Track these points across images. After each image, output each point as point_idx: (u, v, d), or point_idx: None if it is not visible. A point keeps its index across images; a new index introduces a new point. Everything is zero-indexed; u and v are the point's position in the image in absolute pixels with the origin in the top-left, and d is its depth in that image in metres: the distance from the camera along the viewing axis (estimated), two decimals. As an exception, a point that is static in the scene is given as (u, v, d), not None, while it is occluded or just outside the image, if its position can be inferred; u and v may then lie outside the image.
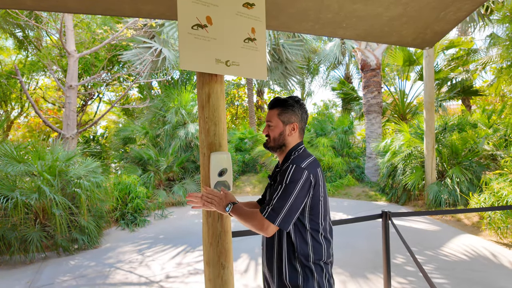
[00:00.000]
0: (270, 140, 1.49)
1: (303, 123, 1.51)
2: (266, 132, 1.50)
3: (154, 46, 9.47)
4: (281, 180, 1.33)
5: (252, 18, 1.63)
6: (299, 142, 1.50)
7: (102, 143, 11.55)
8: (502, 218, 4.26)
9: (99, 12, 2.19)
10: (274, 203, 1.29)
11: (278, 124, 1.47)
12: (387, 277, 2.47)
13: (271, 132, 1.48)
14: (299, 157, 1.42)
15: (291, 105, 1.47)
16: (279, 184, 1.32)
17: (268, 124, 1.49)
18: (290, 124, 1.47)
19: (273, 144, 1.48)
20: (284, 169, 1.35)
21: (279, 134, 1.46)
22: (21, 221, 4.32)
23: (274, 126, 1.47)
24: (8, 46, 11.93)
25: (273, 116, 1.47)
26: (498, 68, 9.24)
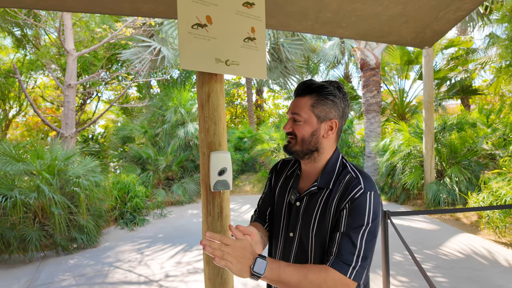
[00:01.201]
0: (296, 141, 1.03)
1: (343, 122, 1.06)
2: (290, 129, 1.04)
3: (153, 45, 9.45)
4: (357, 215, 0.92)
5: (252, 17, 1.62)
6: (337, 149, 1.09)
7: (101, 142, 11.54)
8: (500, 217, 4.27)
9: (98, 11, 2.19)
10: (362, 254, 0.89)
11: (310, 119, 1.01)
12: (386, 275, 2.47)
13: (298, 130, 1.02)
14: (365, 176, 1.00)
15: (331, 93, 1.01)
16: (357, 223, 0.91)
17: (294, 117, 1.03)
18: (327, 121, 1.02)
19: (300, 148, 1.03)
20: (356, 197, 0.94)
21: (310, 134, 1.01)
22: (20, 220, 4.32)
23: (303, 121, 1.01)
24: (7, 45, 11.89)
25: (303, 107, 1.01)
26: (497, 67, 9.25)
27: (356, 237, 0.90)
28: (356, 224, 0.91)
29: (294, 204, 1.08)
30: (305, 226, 1.02)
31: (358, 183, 0.96)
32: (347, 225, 0.92)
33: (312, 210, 1.01)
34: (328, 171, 1.03)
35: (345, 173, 1.02)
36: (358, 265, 0.88)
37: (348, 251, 0.89)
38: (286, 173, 1.19)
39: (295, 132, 1.03)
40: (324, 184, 1.02)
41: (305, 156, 1.04)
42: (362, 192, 0.94)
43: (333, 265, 0.88)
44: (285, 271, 0.85)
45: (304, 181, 1.10)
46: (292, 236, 1.06)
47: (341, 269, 0.87)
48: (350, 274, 0.87)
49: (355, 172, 1.01)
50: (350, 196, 0.94)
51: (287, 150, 1.06)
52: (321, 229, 0.99)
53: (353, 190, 0.95)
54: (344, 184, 0.99)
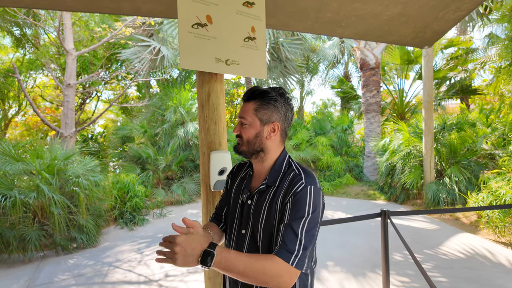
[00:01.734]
0: (242, 142, 1.15)
1: (287, 124, 1.17)
2: (238, 132, 1.15)
3: (153, 45, 9.44)
4: (298, 207, 1.01)
5: (252, 17, 1.62)
6: (284, 150, 1.19)
7: (101, 142, 11.53)
8: (500, 217, 4.28)
9: (98, 10, 2.18)
10: (303, 243, 0.97)
11: (254, 122, 1.12)
12: (386, 275, 2.47)
13: (244, 132, 1.14)
14: (307, 172, 1.10)
15: (273, 98, 1.12)
16: (298, 214, 1.00)
17: (241, 121, 1.14)
18: (269, 124, 1.12)
19: (247, 148, 1.14)
20: (297, 191, 1.03)
21: (254, 135, 1.12)
22: (19, 220, 4.31)
23: (248, 124, 1.13)
24: (6, 44, 11.87)
25: (248, 112, 1.12)
26: (496, 67, 9.26)
27: (297, 227, 0.98)
28: (297, 215, 1.00)
29: (246, 202, 1.16)
30: (256, 223, 1.10)
31: (300, 179, 1.06)
32: (290, 217, 1.00)
33: (261, 206, 1.10)
34: (275, 170, 1.14)
35: (290, 171, 1.12)
36: (300, 253, 0.96)
37: (291, 240, 0.97)
38: (241, 175, 1.27)
39: (241, 134, 1.14)
40: (271, 182, 1.12)
41: (252, 156, 1.15)
42: (303, 187, 1.03)
43: (278, 253, 0.96)
44: (230, 260, 0.92)
45: (255, 181, 1.19)
46: (244, 233, 1.14)
47: (284, 257, 0.95)
48: (292, 262, 0.95)
49: (298, 170, 1.11)
50: (293, 191, 1.04)
51: (236, 150, 1.17)
52: (268, 224, 1.07)
53: (295, 185, 1.05)
54: (288, 180, 1.08)
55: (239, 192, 1.22)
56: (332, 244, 4.43)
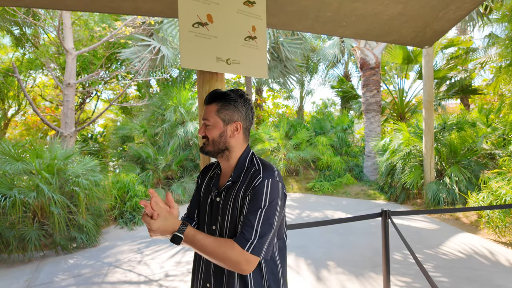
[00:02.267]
0: (208, 143, 1.22)
1: (248, 123, 1.26)
2: (203, 133, 1.22)
3: (153, 44, 9.43)
4: (256, 199, 1.08)
5: (253, 16, 1.62)
6: (247, 147, 1.27)
7: (100, 142, 11.52)
8: (500, 217, 4.27)
9: (98, 9, 2.18)
10: (259, 231, 1.05)
11: (217, 123, 1.19)
12: (386, 275, 2.47)
13: (208, 133, 1.21)
14: (266, 167, 1.17)
15: (233, 99, 1.20)
16: (256, 206, 1.08)
17: (205, 123, 1.21)
18: (232, 124, 1.20)
19: (212, 148, 1.21)
20: (256, 185, 1.10)
21: (218, 135, 1.19)
22: (19, 219, 4.31)
23: (212, 125, 1.20)
24: (6, 44, 11.86)
25: (210, 113, 1.19)
26: (497, 67, 9.26)
27: (254, 217, 1.06)
28: (255, 207, 1.08)
29: (214, 200, 1.23)
30: (223, 218, 1.17)
31: (258, 173, 1.13)
32: (248, 209, 1.09)
33: (227, 202, 1.17)
34: (239, 167, 1.21)
35: (251, 167, 1.19)
36: (256, 240, 1.04)
37: (247, 228, 1.05)
38: (210, 174, 1.34)
39: (207, 135, 1.21)
40: (236, 178, 1.19)
41: (218, 155, 1.22)
42: (261, 181, 1.11)
43: (236, 240, 1.05)
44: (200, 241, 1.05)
45: (222, 179, 1.27)
46: (214, 229, 1.20)
47: (241, 243, 1.03)
48: (248, 248, 1.03)
49: (258, 164, 1.19)
50: (252, 185, 1.11)
51: (202, 151, 1.23)
52: (233, 218, 1.14)
53: (254, 179, 1.12)
54: (249, 176, 1.16)
55: (208, 191, 1.28)
56: (333, 244, 4.43)
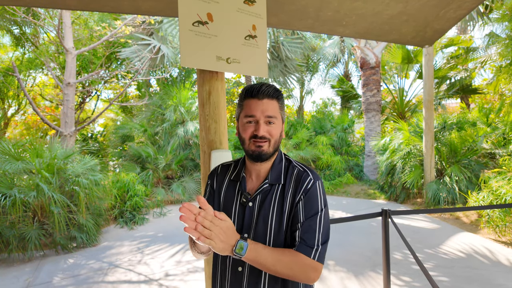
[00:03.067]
0: (269, 144, 1.04)
1: None
2: (265, 132, 1.03)
3: (153, 43, 9.42)
4: (311, 203, 1.01)
5: (253, 15, 1.61)
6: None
7: (100, 141, 11.52)
8: (500, 216, 4.27)
9: (98, 9, 2.17)
10: (321, 238, 0.99)
11: (279, 121, 1.07)
12: (386, 274, 2.47)
13: (273, 132, 1.04)
14: (309, 168, 1.10)
15: (283, 97, 1.11)
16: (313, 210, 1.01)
17: (270, 120, 1.03)
18: (284, 122, 1.11)
19: (273, 150, 1.06)
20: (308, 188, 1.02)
21: (279, 135, 1.07)
22: (19, 219, 4.31)
23: (276, 124, 1.05)
24: (5, 43, 11.85)
25: (275, 110, 1.04)
26: (497, 66, 9.25)
27: (314, 222, 1.00)
28: (312, 211, 1.01)
29: (246, 205, 1.08)
30: (263, 224, 1.04)
31: (307, 175, 1.05)
32: (305, 214, 1.01)
33: (268, 207, 1.05)
34: (276, 168, 1.10)
35: (292, 168, 1.10)
36: (320, 247, 0.99)
37: (310, 236, 0.98)
38: (229, 178, 1.17)
39: (269, 135, 1.04)
40: (274, 180, 1.07)
41: (269, 158, 1.07)
42: (312, 182, 1.04)
43: (299, 249, 0.97)
44: (261, 252, 0.93)
45: (252, 182, 1.12)
46: (247, 237, 1.04)
47: (306, 252, 0.97)
48: (313, 256, 0.97)
49: (301, 166, 1.11)
50: (303, 188, 1.03)
51: (260, 155, 1.04)
52: (279, 223, 1.03)
53: (304, 182, 1.04)
54: (295, 178, 1.07)
55: (232, 196, 1.13)
56: (333, 244, 4.43)
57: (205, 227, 0.84)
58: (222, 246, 0.86)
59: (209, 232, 0.84)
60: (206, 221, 0.84)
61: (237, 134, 1.12)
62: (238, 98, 1.12)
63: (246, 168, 1.15)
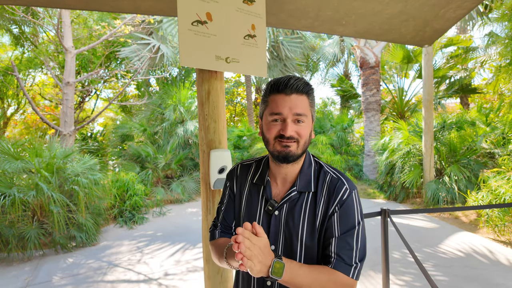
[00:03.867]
0: (298, 145, 0.92)
1: None
2: (293, 132, 0.91)
3: (152, 43, 9.41)
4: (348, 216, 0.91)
5: (252, 14, 1.61)
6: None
7: (100, 140, 11.51)
8: (499, 216, 4.28)
9: (97, 8, 2.17)
10: (358, 255, 0.91)
11: (309, 119, 0.94)
12: (386, 274, 2.47)
13: (301, 132, 0.92)
14: (343, 174, 0.98)
15: (314, 93, 0.98)
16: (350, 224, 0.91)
17: (298, 118, 0.91)
18: (313, 121, 0.99)
19: (301, 152, 0.93)
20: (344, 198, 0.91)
21: (309, 135, 0.95)
22: (18, 218, 4.31)
23: (306, 122, 0.93)
24: (5, 42, 11.83)
25: (305, 107, 0.92)
26: (496, 66, 9.25)
27: (351, 238, 0.90)
28: (349, 225, 0.91)
29: (272, 213, 0.97)
30: (291, 236, 0.94)
31: (342, 184, 0.94)
32: (340, 228, 0.91)
33: (298, 217, 0.94)
34: (305, 173, 0.97)
35: (323, 174, 0.97)
36: (358, 265, 0.91)
37: (347, 253, 0.90)
38: (251, 181, 1.06)
39: (298, 135, 0.92)
40: (303, 187, 0.95)
41: (297, 160, 0.95)
42: (348, 193, 0.92)
43: (337, 267, 0.89)
44: (298, 273, 0.83)
45: (277, 187, 1.00)
46: (274, 249, 0.96)
47: (345, 271, 0.89)
48: (352, 274, 0.89)
49: (334, 172, 0.98)
50: (338, 198, 0.92)
51: (287, 157, 0.91)
52: (311, 236, 0.93)
53: (339, 191, 0.92)
54: (328, 185, 0.94)
55: (256, 202, 1.01)
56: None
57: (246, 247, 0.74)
58: (259, 268, 0.76)
59: (250, 253, 0.74)
60: (247, 240, 0.75)
61: (260, 134, 1.00)
62: (262, 93, 0.99)
63: (270, 171, 1.02)
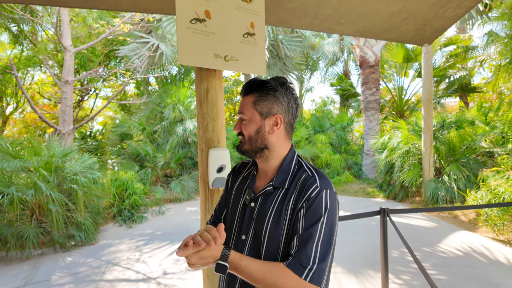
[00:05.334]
0: (244, 141, 1.03)
1: (292, 116, 1.04)
2: (239, 129, 1.03)
3: (151, 41, 9.38)
4: (312, 214, 0.90)
5: (251, 12, 1.60)
6: (292, 147, 1.07)
7: (99, 139, 11.49)
8: (498, 215, 4.28)
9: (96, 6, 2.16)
10: (318, 256, 0.86)
11: (254, 117, 1.00)
12: (385, 273, 2.47)
13: (244, 129, 1.02)
14: (321, 174, 0.98)
15: (272, 88, 0.99)
16: (313, 222, 0.89)
17: (241, 117, 1.03)
18: (271, 117, 1.00)
19: (249, 147, 1.02)
20: (312, 196, 0.91)
21: (255, 131, 1.00)
22: (17, 217, 4.30)
23: (248, 120, 1.01)
24: (3, 41, 11.80)
25: (246, 106, 1.01)
26: (496, 65, 9.25)
27: (312, 237, 0.87)
28: (312, 223, 0.89)
29: (248, 205, 1.03)
30: (260, 228, 0.97)
31: (313, 182, 0.94)
32: (304, 225, 0.90)
33: (267, 210, 0.97)
34: (283, 170, 1.01)
35: (301, 172, 1.00)
36: (315, 267, 0.85)
37: (304, 252, 0.87)
38: (243, 175, 1.14)
39: (242, 131, 1.02)
40: (279, 183, 0.99)
41: (256, 155, 1.03)
42: (318, 191, 0.92)
43: (290, 266, 0.86)
44: (242, 270, 0.88)
45: (260, 181, 1.07)
46: (244, 239, 1.01)
47: (297, 270, 0.85)
48: (306, 276, 0.85)
49: (311, 171, 0.99)
50: (307, 196, 0.92)
51: (239, 150, 1.05)
52: (276, 230, 0.94)
53: (309, 189, 0.93)
54: (300, 183, 0.96)
55: (240, 193, 1.09)
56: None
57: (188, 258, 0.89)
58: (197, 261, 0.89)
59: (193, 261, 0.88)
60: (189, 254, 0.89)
61: None
62: None
63: (258, 166, 1.11)
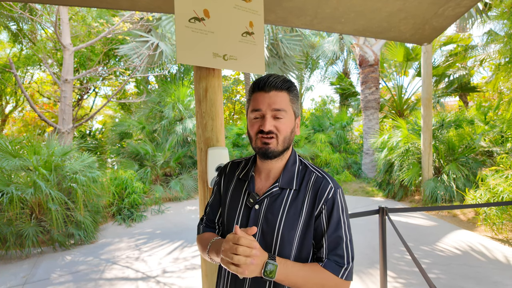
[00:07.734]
0: (277, 141, 0.94)
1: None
2: (272, 127, 0.93)
3: (151, 40, 9.37)
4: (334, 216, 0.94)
5: (250, 11, 1.60)
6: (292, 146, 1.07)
7: (99, 138, 11.49)
8: (497, 214, 4.29)
9: (95, 5, 2.16)
10: (350, 255, 0.94)
11: (290, 115, 0.96)
12: (383, 272, 2.48)
13: (281, 128, 0.94)
14: (327, 174, 1.01)
15: (297, 90, 1.00)
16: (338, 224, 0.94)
17: (276, 114, 0.93)
18: (297, 118, 1.01)
19: (282, 148, 0.95)
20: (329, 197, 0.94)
21: (290, 131, 0.96)
22: (16, 216, 4.30)
23: (286, 118, 0.95)
24: (2, 39, 11.77)
25: (284, 102, 0.94)
26: (496, 64, 9.25)
27: (341, 239, 0.94)
28: (337, 225, 0.95)
29: (252, 207, 0.98)
30: (269, 230, 0.95)
31: (327, 183, 0.97)
32: (329, 227, 0.94)
33: (277, 212, 0.95)
34: (288, 171, 1.00)
35: (308, 173, 1.00)
36: (349, 266, 0.93)
37: (338, 253, 0.93)
38: (238, 176, 1.09)
39: (277, 130, 0.94)
40: (286, 184, 0.98)
41: (278, 156, 0.97)
42: (333, 191, 0.95)
43: (327, 267, 0.92)
44: (290, 272, 0.88)
45: (261, 182, 1.03)
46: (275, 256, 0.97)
47: (335, 271, 0.92)
48: (342, 275, 0.92)
49: (318, 171, 1.01)
50: (324, 197, 0.94)
51: (266, 153, 0.94)
52: (288, 233, 0.93)
53: (325, 190, 0.95)
54: (312, 185, 0.97)
55: (239, 195, 1.04)
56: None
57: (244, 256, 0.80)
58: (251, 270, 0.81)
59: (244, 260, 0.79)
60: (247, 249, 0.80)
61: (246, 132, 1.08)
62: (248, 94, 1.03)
63: (256, 167, 1.06)
